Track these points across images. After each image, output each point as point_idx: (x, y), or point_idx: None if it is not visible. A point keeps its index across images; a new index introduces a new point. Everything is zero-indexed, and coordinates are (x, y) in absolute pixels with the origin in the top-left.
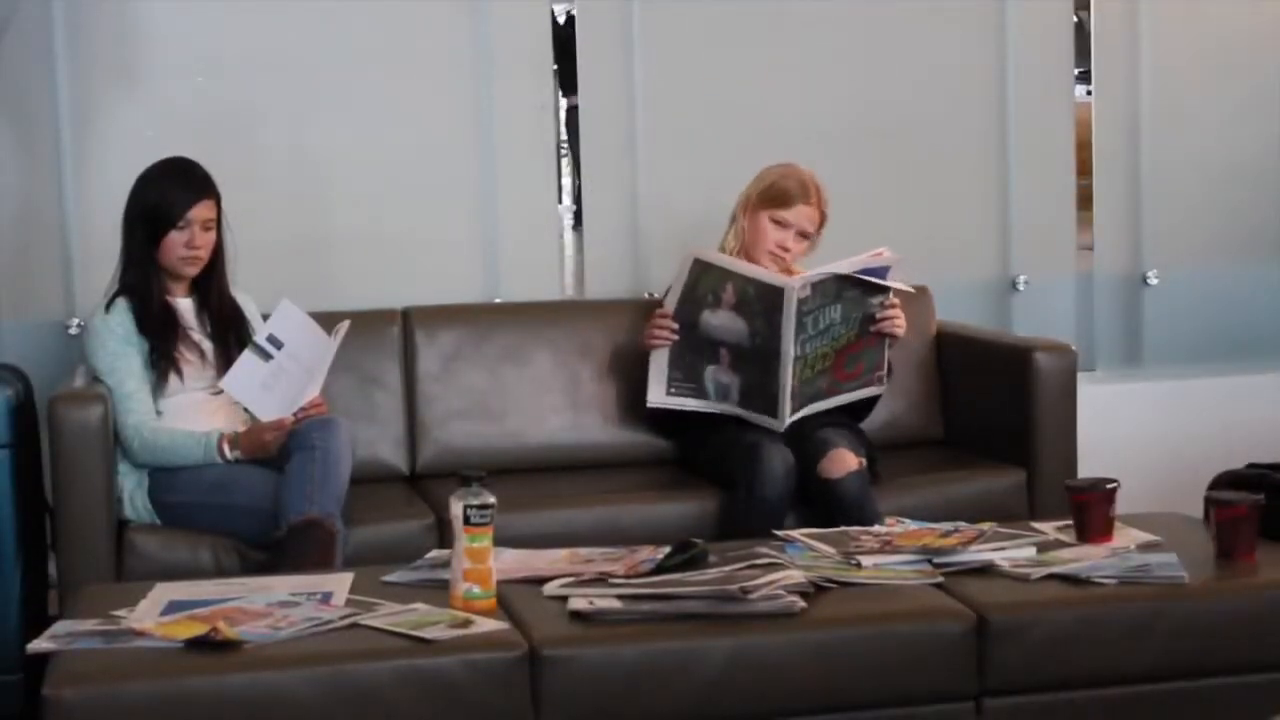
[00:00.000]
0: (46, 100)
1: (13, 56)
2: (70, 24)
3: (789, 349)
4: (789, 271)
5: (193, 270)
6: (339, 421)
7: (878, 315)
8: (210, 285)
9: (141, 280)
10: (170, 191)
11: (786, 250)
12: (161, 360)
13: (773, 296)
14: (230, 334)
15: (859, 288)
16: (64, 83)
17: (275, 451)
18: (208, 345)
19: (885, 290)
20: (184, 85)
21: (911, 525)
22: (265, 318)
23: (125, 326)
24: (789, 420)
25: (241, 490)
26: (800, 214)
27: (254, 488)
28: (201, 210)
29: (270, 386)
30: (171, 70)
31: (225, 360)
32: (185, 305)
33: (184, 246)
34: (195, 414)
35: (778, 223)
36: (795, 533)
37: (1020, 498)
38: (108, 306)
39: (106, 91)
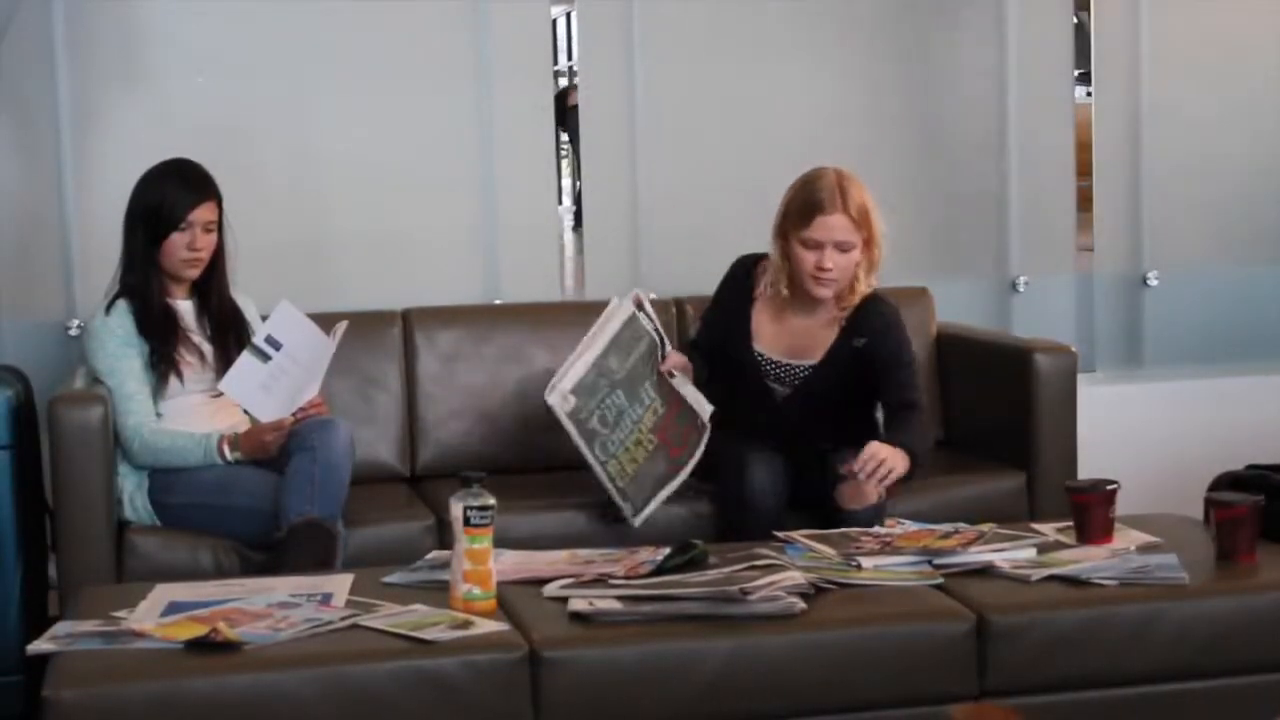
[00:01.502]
0: (46, 100)
1: (13, 56)
2: (70, 24)
3: (589, 459)
4: (850, 293)
5: (194, 272)
6: (339, 423)
7: (661, 369)
8: (211, 287)
9: (142, 282)
10: (172, 193)
11: (826, 270)
12: (161, 362)
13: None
14: (230, 336)
15: (623, 356)
16: (64, 83)
17: (275, 452)
18: (207, 347)
19: (656, 340)
20: (184, 86)
21: (912, 527)
22: (265, 319)
23: (125, 328)
24: (645, 513)
25: (241, 491)
26: (828, 226)
27: (253, 489)
28: (203, 212)
29: (269, 388)
30: (172, 71)
31: (225, 362)
32: (185, 307)
33: (185, 248)
34: (195, 416)
35: (808, 244)
36: (796, 534)
37: (1020, 499)
38: (108, 308)
39: (107, 92)
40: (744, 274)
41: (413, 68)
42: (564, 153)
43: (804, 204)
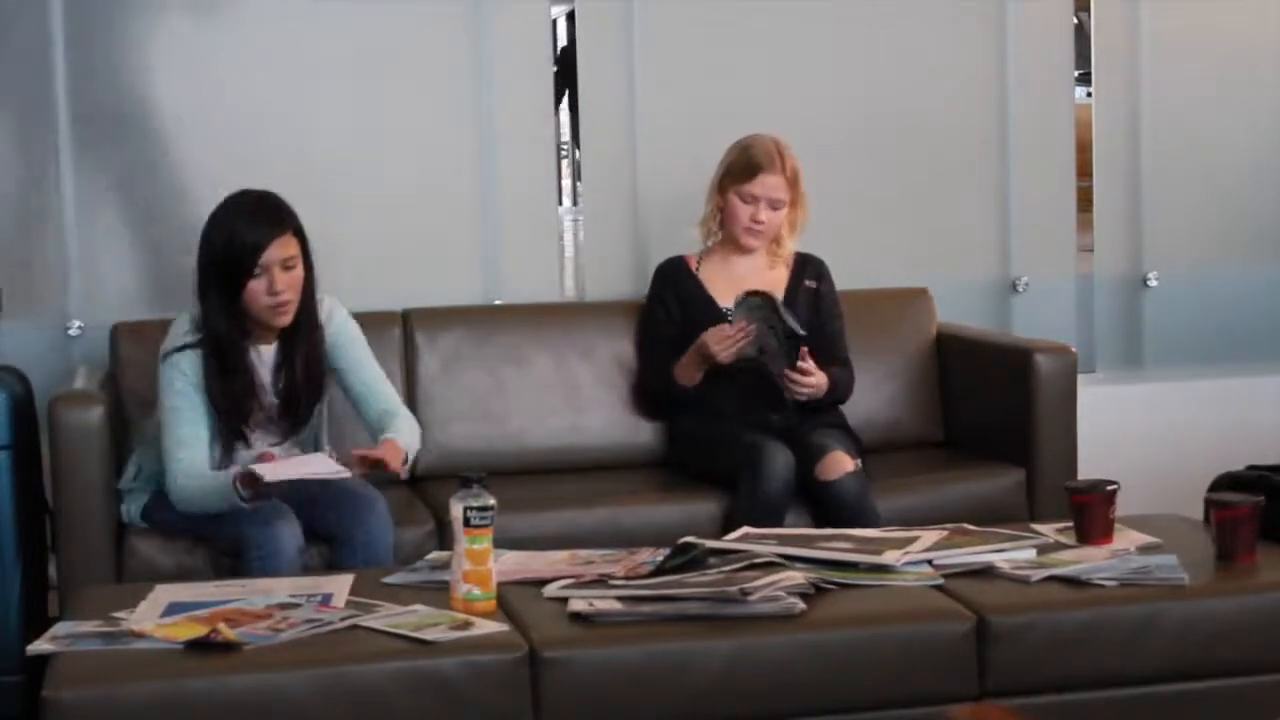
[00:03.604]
0: (46, 100)
1: (13, 56)
2: (70, 24)
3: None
4: (776, 244)
5: (284, 319)
6: (377, 505)
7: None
8: (299, 338)
9: (220, 333)
10: (240, 232)
11: (759, 223)
12: (227, 433)
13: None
14: (303, 399)
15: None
16: (64, 82)
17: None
18: (279, 408)
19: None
20: (185, 87)
21: None
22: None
23: (196, 376)
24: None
25: (226, 521)
26: (766, 185)
27: (235, 513)
28: (277, 249)
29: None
30: (172, 72)
31: (292, 422)
32: (267, 356)
33: (266, 294)
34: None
35: (745, 198)
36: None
37: (1020, 499)
38: (182, 347)
39: (107, 92)
40: (671, 263)
41: (413, 68)
42: (564, 153)
43: (747, 163)
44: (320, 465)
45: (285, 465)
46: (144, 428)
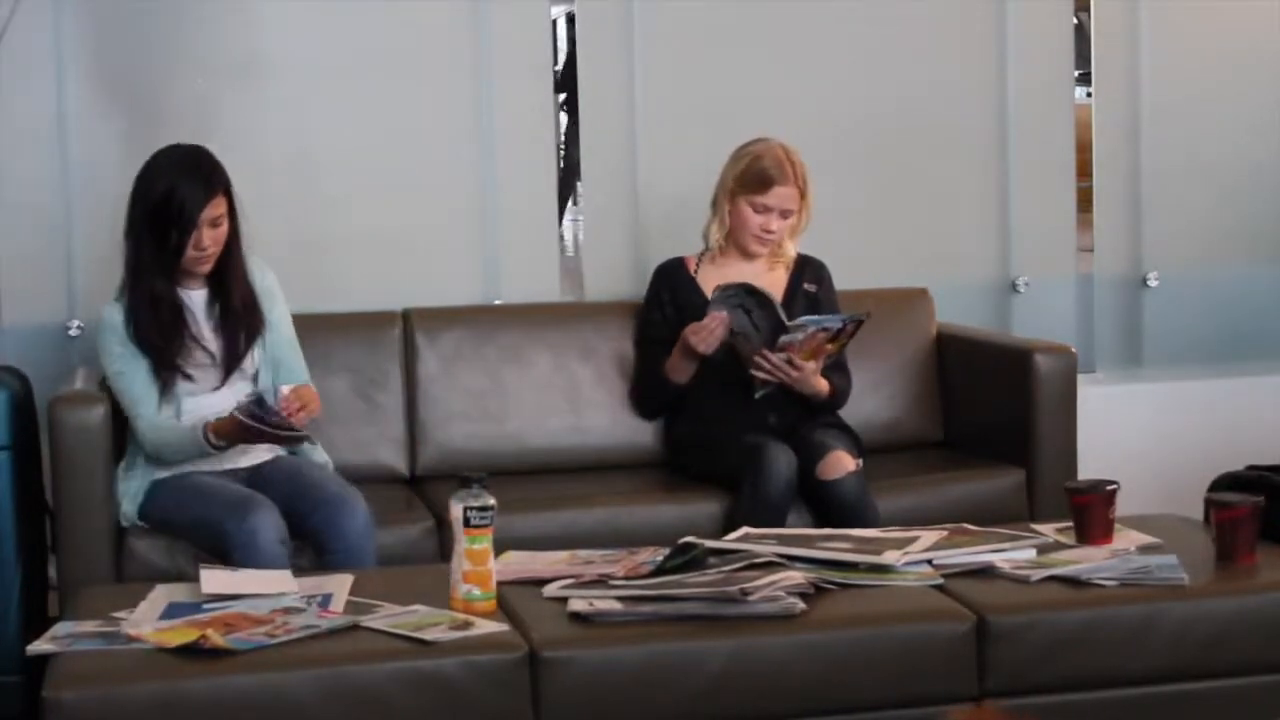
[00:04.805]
0: (47, 100)
1: (13, 56)
2: (70, 25)
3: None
4: (778, 245)
5: (205, 268)
6: (357, 509)
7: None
8: (226, 277)
9: (147, 286)
10: (179, 191)
11: (770, 232)
12: (164, 371)
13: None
14: (241, 331)
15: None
16: (64, 83)
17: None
18: (217, 344)
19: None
20: (184, 86)
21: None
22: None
23: (129, 329)
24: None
25: (196, 504)
26: (780, 196)
27: (206, 498)
28: (211, 209)
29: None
30: (172, 71)
31: (232, 358)
32: (198, 298)
33: (193, 248)
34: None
35: (758, 208)
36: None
37: (1020, 499)
38: (115, 302)
39: (107, 92)
40: (671, 265)
41: (413, 67)
42: (563, 152)
43: (760, 173)
44: (269, 585)
45: (233, 579)
46: None
